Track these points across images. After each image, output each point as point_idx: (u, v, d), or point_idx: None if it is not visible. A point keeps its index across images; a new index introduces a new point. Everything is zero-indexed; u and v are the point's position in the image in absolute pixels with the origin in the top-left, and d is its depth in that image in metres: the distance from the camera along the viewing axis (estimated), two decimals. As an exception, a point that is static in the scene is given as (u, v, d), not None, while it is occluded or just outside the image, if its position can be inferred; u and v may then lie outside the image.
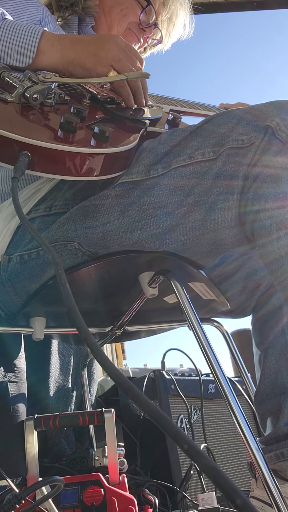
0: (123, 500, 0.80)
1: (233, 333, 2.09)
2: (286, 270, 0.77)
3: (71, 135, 0.73)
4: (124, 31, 1.25)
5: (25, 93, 0.74)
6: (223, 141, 0.81)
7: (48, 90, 0.77)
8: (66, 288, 0.41)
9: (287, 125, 0.78)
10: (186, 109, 1.24)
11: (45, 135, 0.72)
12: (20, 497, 0.64)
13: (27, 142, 0.69)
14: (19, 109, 0.74)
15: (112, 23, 1.25)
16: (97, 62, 0.88)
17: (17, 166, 0.68)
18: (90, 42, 0.91)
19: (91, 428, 1.31)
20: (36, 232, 0.58)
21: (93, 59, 0.88)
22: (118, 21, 1.24)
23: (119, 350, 3.81)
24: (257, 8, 2.86)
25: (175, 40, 1.37)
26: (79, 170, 0.75)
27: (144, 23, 1.25)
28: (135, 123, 0.94)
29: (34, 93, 0.74)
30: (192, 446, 0.28)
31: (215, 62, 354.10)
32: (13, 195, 0.64)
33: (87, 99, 0.88)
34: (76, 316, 0.38)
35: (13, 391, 1.07)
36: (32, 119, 0.74)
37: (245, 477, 1.39)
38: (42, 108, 0.77)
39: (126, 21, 1.24)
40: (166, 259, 0.88)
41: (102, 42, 0.90)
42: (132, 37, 1.26)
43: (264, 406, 1.00)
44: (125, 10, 1.24)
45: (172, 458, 1.21)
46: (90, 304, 1.04)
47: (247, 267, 1.08)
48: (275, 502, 0.72)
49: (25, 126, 0.72)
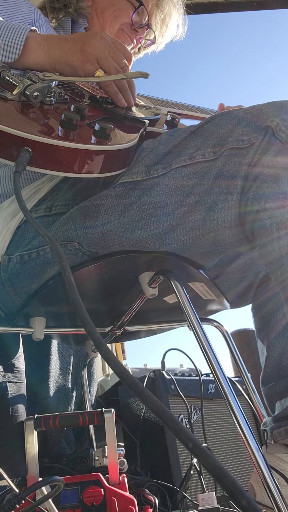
0: (123, 500, 0.80)
1: (233, 333, 2.09)
2: (286, 270, 0.77)
3: (71, 132, 0.73)
4: (117, 32, 1.25)
5: (26, 91, 0.74)
6: (223, 141, 0.81)
7: (48, 89, 0.78)
8: (70, 282, 0.41)
9: (287, 125, 0.78)
10: (184, 111, 1.25)
11: (46, 132, 0.72)
12: (20, 497, 0.64)
13: (28, 138, 0.69)
14: (19, 107, 0.74)
15: (104, 24, 1.25)
16: (84, 59, 0.87)
17: (18, 160, 0.68)
18: (76, 39, 0.90)
19: (91, 428, 1.31)
20: (40, 225, 0.58)
21: (80, 55, 0.87)
22: (110, 22, 1.24)
23: (119, 350, 3.82)
24: (257, 8, 2.86)
25: (169, 40, 1.37)
26: (79, 167, 0.75)
27: (136, 24, 1.25)
28: (134, 122, 0.94)
29: (34, 91, 0.74)
30: (196, 445, 0.28)
31: (215, 62, 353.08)
32: (15, 188, 0.64)
33: (87, 99, 0.88)
34: (81, 309, 0.38)
35: (12, 392, 1.07)
36: (32, 117, 0.75)
37: (245, 477, 1.39)
38: (42, 107, 0.78)
39: (119, 22, 1.24)
40: (166, 259, 0.88)
41: (88, 38, 0.89)
42: (124, 37, 1.26)
43: (271, 389, 1.02)
44: (118, 11, 1.24)
45: (172, 458, 1.21)
46: (90, 304, 1.04)
47: (242, 256, 1.07)
48: (275, 502, 0.72)
49: (26, 123, 0.72)
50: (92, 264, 0.87)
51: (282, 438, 0.92)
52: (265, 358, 1.06)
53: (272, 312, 1.08)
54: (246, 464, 1.41)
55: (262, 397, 1.08)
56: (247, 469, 1.41)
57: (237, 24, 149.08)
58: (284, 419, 0.94)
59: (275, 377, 1.01)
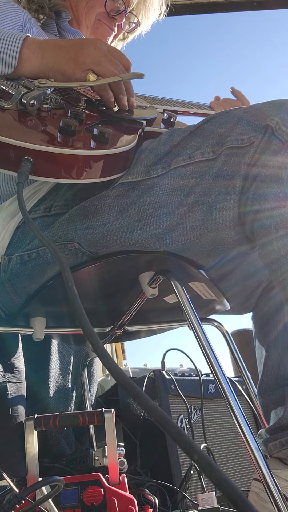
0: (123, 500, 0.80)
1: (233, 333, 2.09)
2: (286, 270, 0.77)
3: (71, 138, 0.73)
4: (94, 23, 1.23)
5: (22, 100, 0.74)
6: (222, 140, 0.81)
7: (44, 96, 0.77)
8: (69, 281, 0.41)
9: (286, 124, 0.78)
10: (179, 108, 1.24)
11: (45, 140, 0.72)
12: (20, 497, 0.64)
13: (28, 147, 0.68)
14: (16, 116, 0.74)
15: (79, 17, 1.23)
16: (75, 68, 0.86)
17: (20, 171, 0.68)
18: (70, 47, 0.88)
19: (91, 428, 1.31)
20: (41, 233, 0.58)
21: (72, 64, 0.86)
22: (85, 15, 1.22)
23: (119, 350, 3.82)
24: (257, 8, 2.86)
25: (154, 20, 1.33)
26: (80, 173, 0.75)
27: (113, 11, 1.21)
28: (132, 123, 0.94)
29: (31, 99, 0.74)
30: (201, 455, 0.28)
31: (215, 62, 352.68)
32: (19, 199, 0.64)
33: (83, 103, 0.88)
34: (79, 310, 0.38)
35: (12, 392, 1.07)
36: (30, 125, 0.74)
37: (245, 477, 1.39)
38: (39, 114, 0.77)
39: (94, 13, 1.21)
40: (166, 259, 0.88)
41: (82, 47, 0.88)
42: (103, 28, 1.23)
43: (267, 398, 1.00)
44: (91, 2, 1.21)
45: (172, 458, 1.21)
46: (90, 304, 1.04)
47: (245, 263, 1.08)
48: (275, 502, 0.72)
49: (24, 132, 0.72)
50: (92, 264, 0.87)
51: (277, 451, 0.90)
52: (262, 367, 1.05)
53: (271, 315, 1.08)
54: (246, 464, 1.41)
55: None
56: (247, 469, 1.41)
57: (237, 24, 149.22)
58: (279, 431, 0.92)
59: (272, 387, 1.00)
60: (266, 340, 1.06)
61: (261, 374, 1.04)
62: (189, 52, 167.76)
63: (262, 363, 1.05)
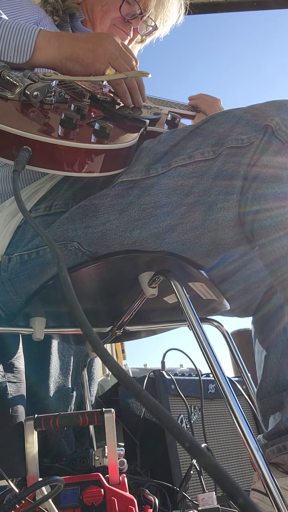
0: (123, 500, 0.80)
1: (233, 333, 2.09)
2: (286, 270, 0.77)
3: (71, 131, 0.74)
4: (108, 28, 1.22)
5: (26, 91, 0.74)
6: (222, 140, 0.81)
7: (48, 88, 0.78)
8: (66, 281, 0.41)
9: (286, 124, 0.78)
10: (184, 111, 1.25)
11: (45, 131, 0.72)
12: (20, 497, 0.64)
13: (28, 137, 0.69)
14: (19, 107, 0.75)
15: (94, 21, 1.23)
16: (95, 58, 0.88)
17: (17, 159, 0.68)
18: (87, 39, 0.91)
19: (91, 428, 1.31)
20: (37, 225, 0.58)
21: (91, 55, 0.88)
22: (100, 19, 1.21)
23: (119, 350, 3.81)
24: (257, 8, 2.86)
25: (174, 22, 1.31)
26: (79, 167, 0.75)
27: (128, 15, 1.21)
28: (134, 122, 0.94)
29: (34, 91, 0.74)
30: (193, 444, 0.28)
31: (215, 62, 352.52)
32: (14, 187, 0.64)
33: (87, 98, 0.88)
34: (77, 308, 0.38)
35: (12, 392, 1.07)
36: (32, 116, 0.75)
37: (245, 477, 1.39)
38: (42, 106, 0.78)
39: (109, 17, 1.21)
40: (166, 259, 0.88)
41: (100, 39, 0.90)
42: (117, 33, 1.22)
43: (266, 403, 1.00)
44: (106, 6, 1.20)
45: (172, 458, 1.21)
46: (90, 304, 1.04)
47: (247, 268, 1.08)
48: (275, 502, 0.72)
49: (25, 122, 0.73)
50: (92, 264, 0.87)
51: (275, 457, 0.90)
52: (261, 373, 1.05)
53: (270, 318, 1.07)
54: (246, 464, 1.41)
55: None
56: (247, 469, 1.41)
57: (237, 24, 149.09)
58: (277, 436, 0.92)
59: (271, 392, 1.00)
60: (265, 344, 1.06)
61: (260, 380, 1.04)
62: (189, 52, 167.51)
63: (261, 369, 1.05)
